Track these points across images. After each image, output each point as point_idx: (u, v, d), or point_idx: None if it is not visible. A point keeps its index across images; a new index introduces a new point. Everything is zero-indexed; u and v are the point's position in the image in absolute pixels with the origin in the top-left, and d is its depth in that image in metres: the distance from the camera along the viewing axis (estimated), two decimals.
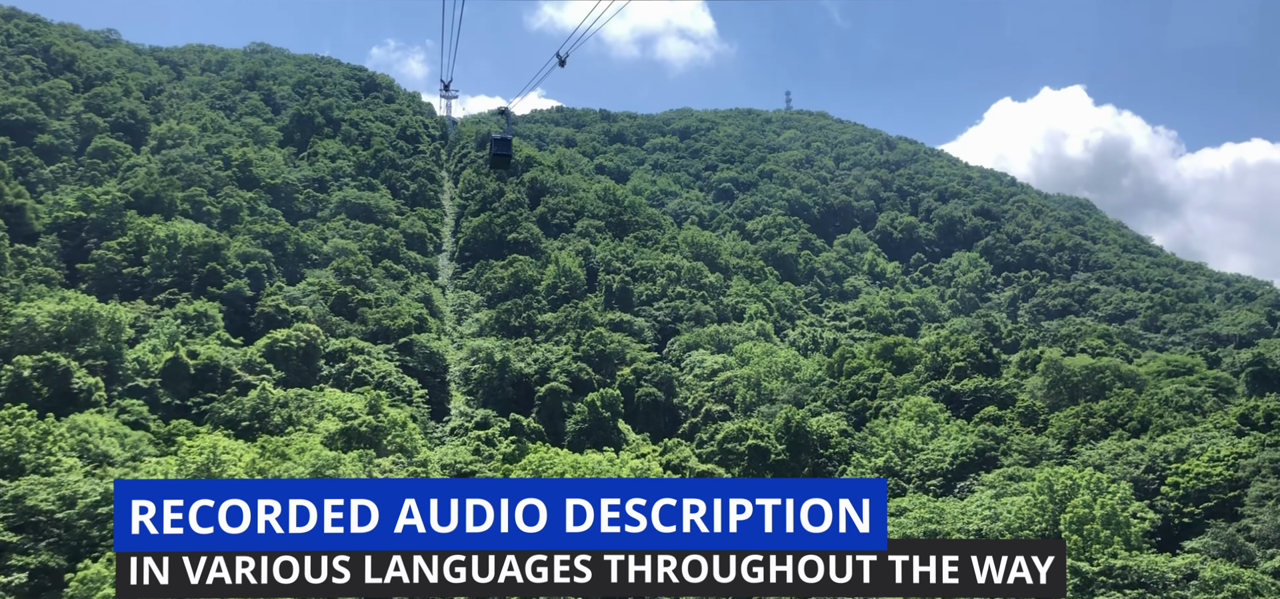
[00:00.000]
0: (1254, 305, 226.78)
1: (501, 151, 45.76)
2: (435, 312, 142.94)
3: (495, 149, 45.83)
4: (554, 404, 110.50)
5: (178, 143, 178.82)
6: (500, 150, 45.79)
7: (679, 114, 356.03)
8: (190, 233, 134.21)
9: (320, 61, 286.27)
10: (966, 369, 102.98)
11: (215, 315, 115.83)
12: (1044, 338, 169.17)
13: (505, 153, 45.69)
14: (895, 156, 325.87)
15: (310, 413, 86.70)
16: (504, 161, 46.22)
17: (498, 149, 45.81)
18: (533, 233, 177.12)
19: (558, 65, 37.94)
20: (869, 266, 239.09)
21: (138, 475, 56.54)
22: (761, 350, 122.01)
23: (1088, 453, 74.33)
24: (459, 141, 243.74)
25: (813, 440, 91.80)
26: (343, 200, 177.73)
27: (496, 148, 45.82)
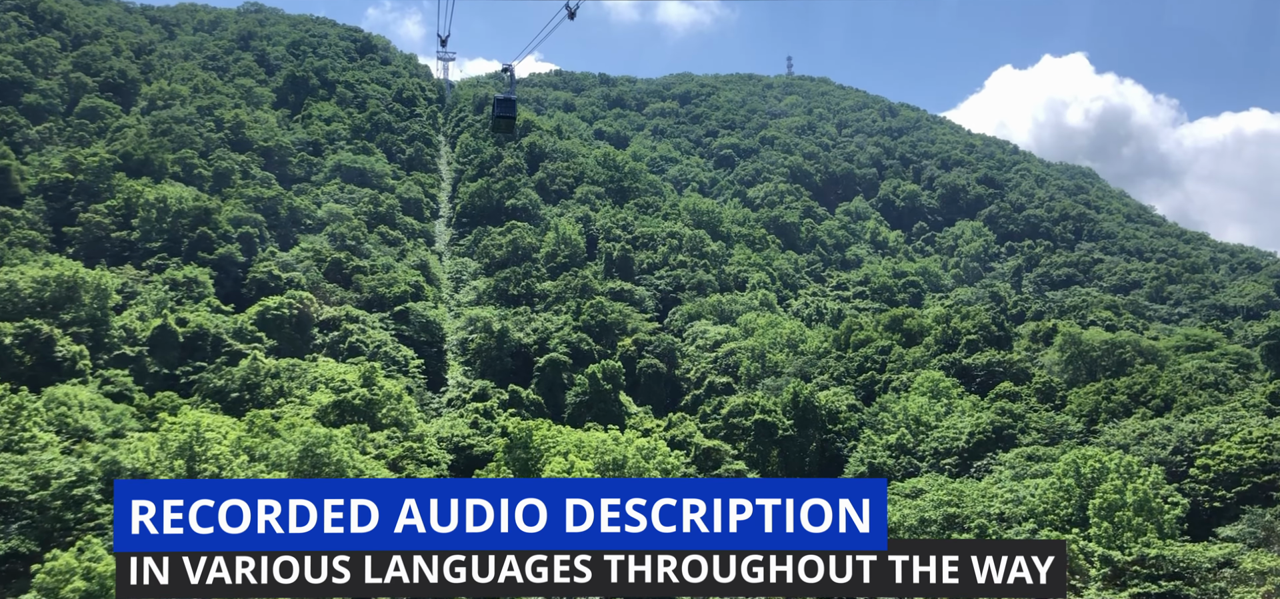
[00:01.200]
0: (1259, 276, 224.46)
1: (505, 113, 41.85)
2: (432, 279, 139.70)
3: (498, 110, 41.90)
4: (554, 376, 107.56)
5: (169, 104, 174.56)
6: (503, 112, 41.87)
7: (679, 79, 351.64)
8: (180, 196, 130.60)
9: (315, 22, 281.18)
10: (978, 342, 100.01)
11: (206, 281, 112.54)
12: (1050, 309, 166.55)
13: (509, 114, 41.80)
14: (898, 124, 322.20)
15: (302, 384, 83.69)
16: (508, 125, 42.43)
17: (501, 110, 41.86)
18: (531, 199, 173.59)
19: (567, 17, 34.71)
20: (871, 235, 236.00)
21: (117, 453, 53.35)
22: (766, 321, 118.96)
23: (1110, 432, 71.61)
24: (456, 105, 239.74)
25: (821, 415, 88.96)
26: (337, 164, 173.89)
27: (500, 109, 41.86)
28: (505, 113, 41.89)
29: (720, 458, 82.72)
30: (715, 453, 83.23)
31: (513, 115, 42.09)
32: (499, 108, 42.02)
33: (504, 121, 42.29)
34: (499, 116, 42.08)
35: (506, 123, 42.40)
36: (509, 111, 41.82)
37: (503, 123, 42.38)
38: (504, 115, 42.00)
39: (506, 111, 41.84)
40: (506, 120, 42.22)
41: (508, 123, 42.40)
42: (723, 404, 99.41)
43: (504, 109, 41.91)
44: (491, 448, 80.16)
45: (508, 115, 41.94)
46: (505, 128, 42.84)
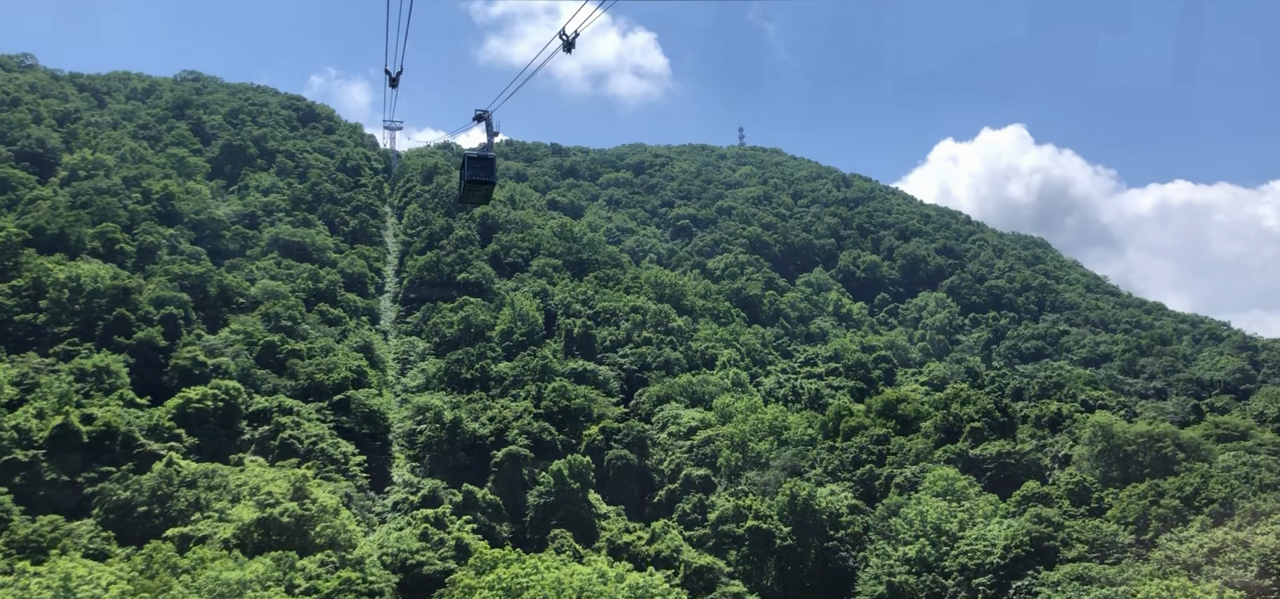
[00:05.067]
0: (1223, 347, 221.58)
1: (480, 176, 30.55)
2: (376, 361, 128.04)
3: (470, 172, 30.59)
4: (513, 472, 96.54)
5: (92, 174, 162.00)
6: (478, 174, 30.60)
7: (632, 149, 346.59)
8: (96, 274, 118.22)
9: (255, 90, 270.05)
10: (983, 431, 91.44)
11: (119, 371, 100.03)
12: (1034, 387, 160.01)
13: (487, 177, 30.49)
14: (852, 194, 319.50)
15: (223, 495, 71.81)
16: (483, 191, 31.28)
17: (474, 173, 30.61)
18: (485, 272, 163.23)
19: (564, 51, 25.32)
20: (834, 307, 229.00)
21: None
22: (744, 405, 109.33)
23: (1171, 546, 62.81)
24: (403, 175, 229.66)
25: (821, 520, 79.23)
26: (275, 237, 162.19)
27: (473, 170, 30.59)
28: (480, 175, 30.45)
29: (714, 578, 72.36)
30: (708, 572, 72.80)
31: (491, 178, 30.90)
32: (471, 168, 30.74)
33: (477, 187, 31.09)
34: (471, 181, 30.58)
35: (480, 190, 31.28)
36: (486, 174, 30.56)
37: (476, 189, 31.15)
38: (478, 179, 30.62)
39: (483, 174, 30.49)
40: (481, 186, 31.05)
41: (483, 190, 31.33)
42: (707, 504, 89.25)
43: (479, 170, 30.51)
44: (445, 567, 68.94)
45: (483, 179, 30.68)
46: (478, 195, 31.77)
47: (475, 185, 30.85)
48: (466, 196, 31.29)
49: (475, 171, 30.74)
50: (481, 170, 30.74)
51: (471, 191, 30.98)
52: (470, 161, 30.53)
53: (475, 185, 30.85)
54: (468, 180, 30.67)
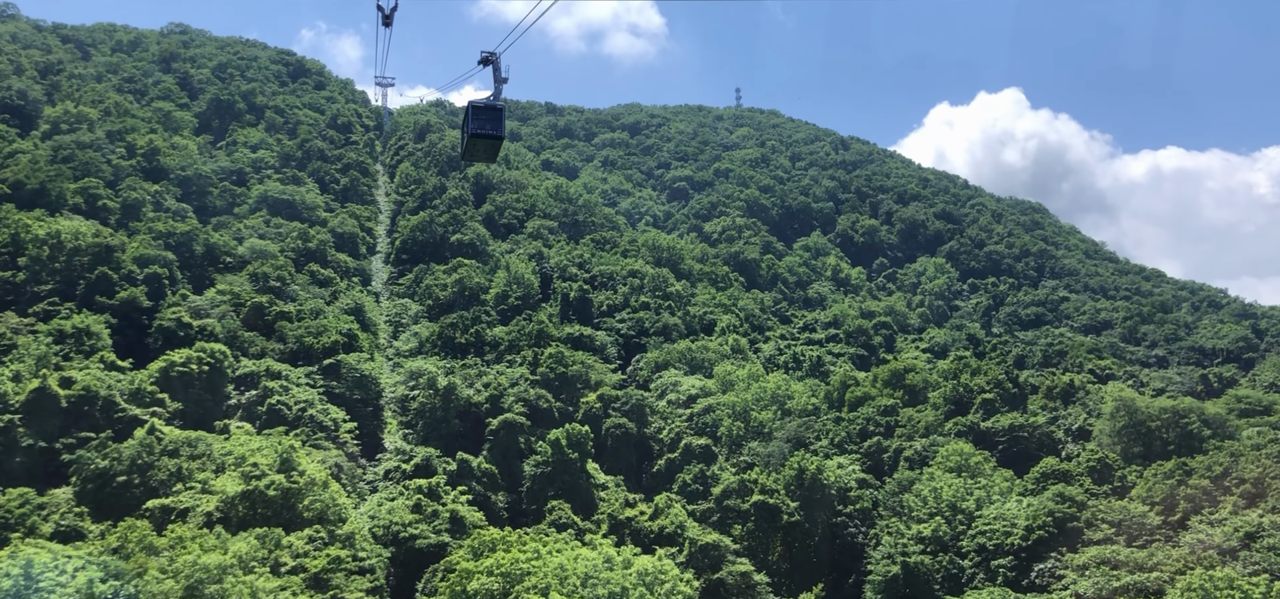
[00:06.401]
0: (1222, 315, 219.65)
1: (485, 129, 26.54)
2: (367, 325, 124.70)
3: (475, 125, 26.45)
4: (509, 440, 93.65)
5: (74, 128, 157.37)
6: (483, 127, 26.50)
7: (628, 109, 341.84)
8: (78, 231, 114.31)
9: (244, 44, 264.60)
10: (994, 402, 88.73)
11: (101, 332, 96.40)
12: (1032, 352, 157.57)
13: (494, 130, 26.39)
14: (851, 157, 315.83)
15: (207, 465, 68.69)
16: (490, 146, 27.26)
17: (480, 124, 26.44)
18: (479, 233, 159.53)
19: None
20: (832, 272, 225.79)
21: None
22: (745, 373, 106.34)
23: (1204, 530, 60.22)
24: (396, 132, 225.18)
25: (830, 495, 76.58)
26: (264, 195, 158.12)
27: (478, 122, 26.40)
28: (487, 128, 26.44)
29: (721, 556, 69.67)
30: (714, 550, 70.12)
31: (499, 131, 26.78)
32: (477, 120, 26.58)
33: (483, 142, 27.08)
34: (476, 135, 26.65)
35: (487, 144, 27.29)
36: (494, 126, 26.45)
37: (481, 144, 27.13)
38: (484, 132, 26.51)
39: (490, 126, 26.44)
40: (487, 140, 27.04)
41: (489, 144, 27.34)
42: (704, 473, 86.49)
43: (486, 122, 26.52)
44: (439, 541, 66.17)
45: (490, 132, 26.53)
46: (483, 151, 27.83)
47: (480, 139, 26.98)
48: (470, 152, 27.43)
49: (481, 123, 26.71)
50: (489, 122, 26.70)
51: (476, 146, 27.05)
52: (476, 112, 26.31)
53: (480, 139, 26.98)
54: (472, 133, 26.70)
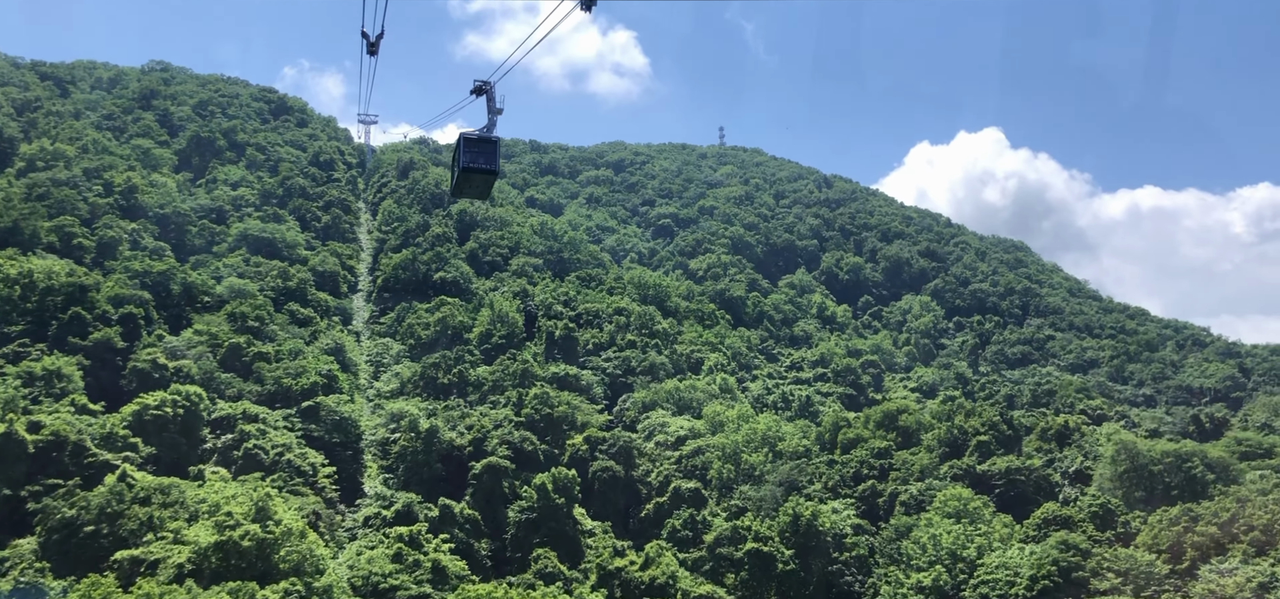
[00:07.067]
0: (1207, 353, 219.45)
1: (478, 163, 24.28)
2: (348, 365, 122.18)
3: (469, 157, 24.17)
4: (493, 485, 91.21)
5: (50, 165, 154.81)
6: (475, 161, 24.23)
7: (612, 147, 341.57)
8: (51, 270, 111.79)
9: (226, 81, 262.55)
10: (990, 444, 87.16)
11: (72, 374, 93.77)
12: (1021, 391, 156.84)
13: (485, 166, 24.33)
14: (834, 195, 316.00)
15: (179, 513, 66.09)
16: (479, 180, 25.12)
17: (473, 158, 24.19)
18: (462, 271, 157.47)
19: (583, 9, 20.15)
20: (818, 310, 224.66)
21: None
22: (735, 414, 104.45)
23: (1213, 579, 58.59)
24: (378, 170, 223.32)
25: (825, 542, 74.52)
26: (243, 233, 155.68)
27: (471, 155, 24.12)
28: (480, 161, 24.27)
29: None
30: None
31: (494, 166, 24.50)
32: (469, 153, 24.28)
33: (475, 176, 24.97)
34: (469, 169, 24.39)
35: (480, 180, 25.10)
36: (488, 160, 24.33)
37: (474, 179, 24.96)
38: (477, 167, 24.31)
39: (483, 160, 24.32)
40: (480, 175, 24.86)
41: (482, 179, 25.19)
42: (694, 518, 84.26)
43: (479, 155, 24.25)
44: (420, 592, 63.70)
45: (484, 167, 24.25)
46: (476, 186, 25.71)
47: (473, 174, 24.85)
48: (462, 187, 25.27)
49: (474, 157, 24.47)
50: (482, 155, 24.54)
51: (468, 181, 24.90)
52: (468, 144, 24.04)
53: (473, 174, 24.85)
54: (464, 168, 24.58)
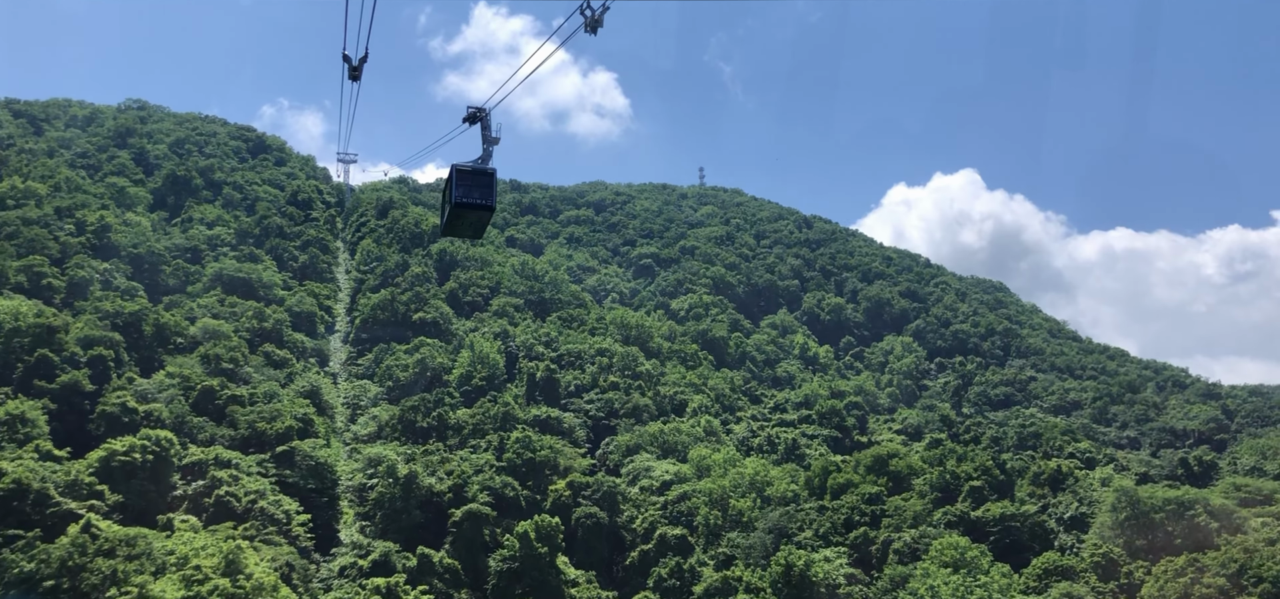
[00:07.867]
0: (1188, 394, 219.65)
1: (472, 199, 22.01)
2: (324, 408, 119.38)
3: (462, 193, 21.93)
4: (474, 533, 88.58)
5: (20, 203, 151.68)
6: (469, 196, 21.95)
7: (593, 186, 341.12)
8: (18, 311, 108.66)
9: (203, 120, 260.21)
10: (983, 490, 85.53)
11: (37, 419, 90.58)
12: (1006, 434, 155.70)
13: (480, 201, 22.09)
14: (814, 235, 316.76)
15: (145, 566, 63.25)
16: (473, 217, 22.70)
17: (467, 193, 21.90)
18: (442, 312, 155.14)
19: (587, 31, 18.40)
20: (800, 350, 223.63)
21: None
22: (721, 458, 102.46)
23: None
24: (357, 209, 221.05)
25: (819, 593, 72.44)
26: (219, 273, 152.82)
27: (465, 189, 21.84)
28: (475, 196, 22.01)
29: None
30: None
31: (490, 201, 22.14)
32: (463, 187, 22.01)
33: (469, 213, 22.63)
34: (462, 205, 22.14)
35: (474, 217, 22.73)
36: (483, 195, 22.15)
37: (468, 216, 22.61)
38: (471, 202, 22.05)
39: (478, 195, 22.09)
40: (474, 211, 22.52)
41: (476, 217, 22.88)
42: (680, 566, 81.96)
43: (474, 190, 21.98)
44: None
45: (479, 202, 22.06)
46: (469, 224, 23.36)
47: (467, 211, 22.60)
48: (454, 225, 22.87)
49: (468, 191, 22.17)
50: (478, 190, 22.30)
51: (460, 219, 22.47)
52: (461, 177, 21.66)
53: (467, 211, 22.60)
54: (456, 204, 22.31)
